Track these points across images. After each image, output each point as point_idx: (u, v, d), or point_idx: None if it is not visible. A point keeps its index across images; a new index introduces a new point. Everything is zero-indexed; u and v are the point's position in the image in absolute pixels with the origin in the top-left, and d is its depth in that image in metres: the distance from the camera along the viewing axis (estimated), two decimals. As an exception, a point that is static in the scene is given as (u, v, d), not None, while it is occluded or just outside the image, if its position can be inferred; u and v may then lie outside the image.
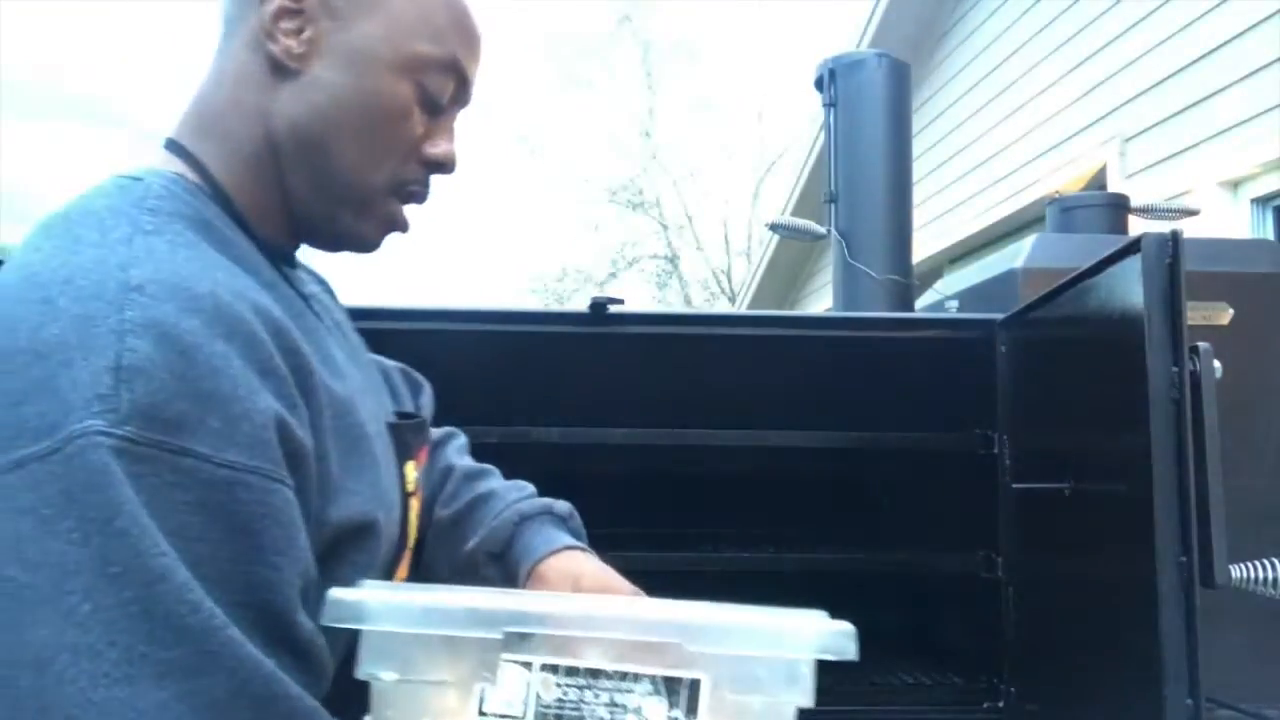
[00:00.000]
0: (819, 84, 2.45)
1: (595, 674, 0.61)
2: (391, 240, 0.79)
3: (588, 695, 0.61)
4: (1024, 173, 4.90)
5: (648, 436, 1.91)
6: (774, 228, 3.00)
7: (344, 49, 0.70)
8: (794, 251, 8.33)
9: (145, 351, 0.53)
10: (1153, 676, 1.17)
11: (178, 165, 0.70)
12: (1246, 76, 3.42)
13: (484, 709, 0.60)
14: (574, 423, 1.88)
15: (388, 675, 0.62)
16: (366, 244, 0.76)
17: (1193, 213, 2.65)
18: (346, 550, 0.66)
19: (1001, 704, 1.77)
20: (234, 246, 0.67)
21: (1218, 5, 3.58)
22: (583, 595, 0.73)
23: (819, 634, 0.62)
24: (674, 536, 2.13)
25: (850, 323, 2.03)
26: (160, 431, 0.53)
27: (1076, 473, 1.46)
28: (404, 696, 0.62)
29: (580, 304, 1.82)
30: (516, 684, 0.61)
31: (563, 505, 0.95)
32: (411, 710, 0.62)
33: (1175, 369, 1.19)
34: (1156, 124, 3.92)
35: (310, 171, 0.71)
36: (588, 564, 0.87)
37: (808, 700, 0.62)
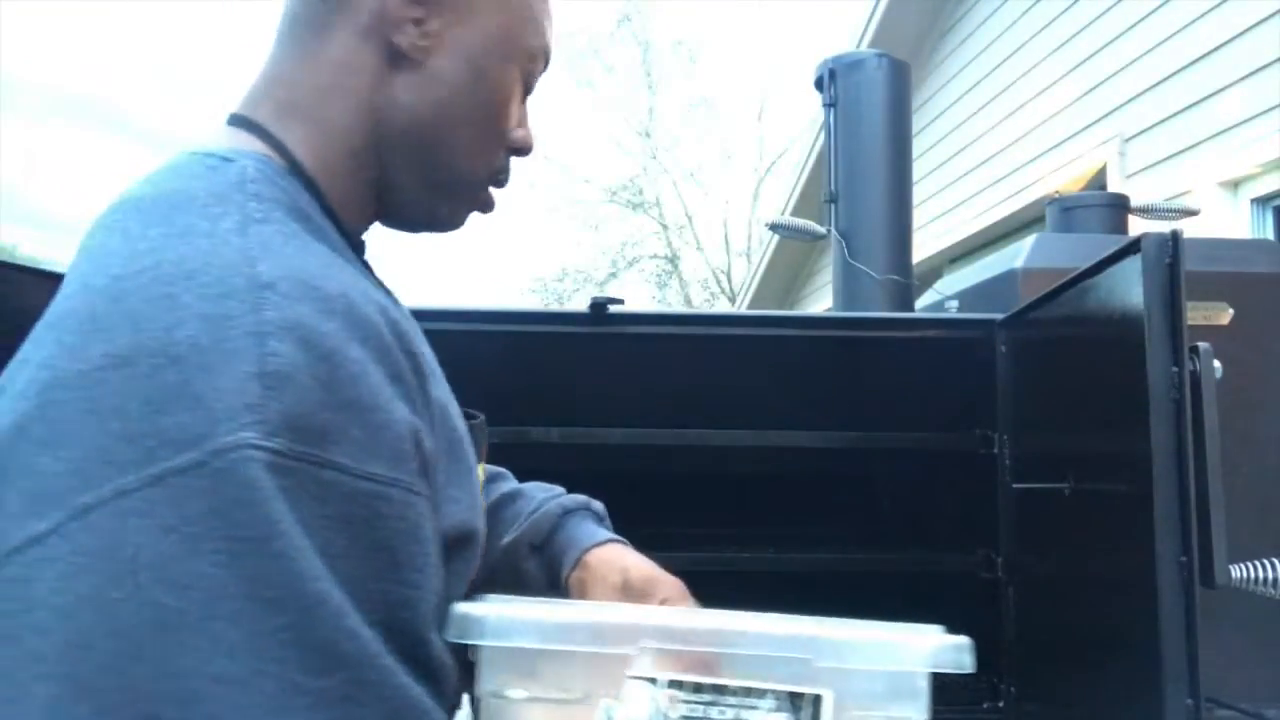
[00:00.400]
0: (819, 84, 2.46)
1: (720, 689, 0.60)
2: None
3: (713, 712, 0.60)
4: (1024, 173, 4.90)
5: (648, 436, 1.91)
6: (774, 228, 3.00)
7: (464, 43, 0.68)
8: (794, 251, 8.33)
9: (289, 356, 0.49)
10: (1153, 676, 1.17)
11: (258, 145, 0.64)
12: (1246, 76, 3.42)
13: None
14: (574, 423, 1.88)
15: (515, 693, 0.60)
16: (455, 227, 0.76)
17: (1193, 213, 2.65)
18: (451, 560, 0.62)
19: (1001, 704, 1.77)
20: (327, 238, 0.63)
21: (1218, 5, 3.58)
22: (708, 611, 0.69)
23: (936, 648, 0.64)
24: (674, 536, 2.13)
25: (850, 323, 2.03)
26: (306, 443, 0.49)
27: (1076, 473, 1.46)
28: (526, 714, 0.60)
29: (580, 304, 1.81)
30: (642, 700, 0.59)
31: (598, 504, 0.96)
32: None
33: (1175, 369, 1.19)
34: (1156, 124, 3.92)
35: (420, 163, 0.70)
36: (631, 557, 0.87)
37: (924, 715, 0.64)
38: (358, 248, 0.71)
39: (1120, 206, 2.49)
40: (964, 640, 0.64)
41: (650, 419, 1.90)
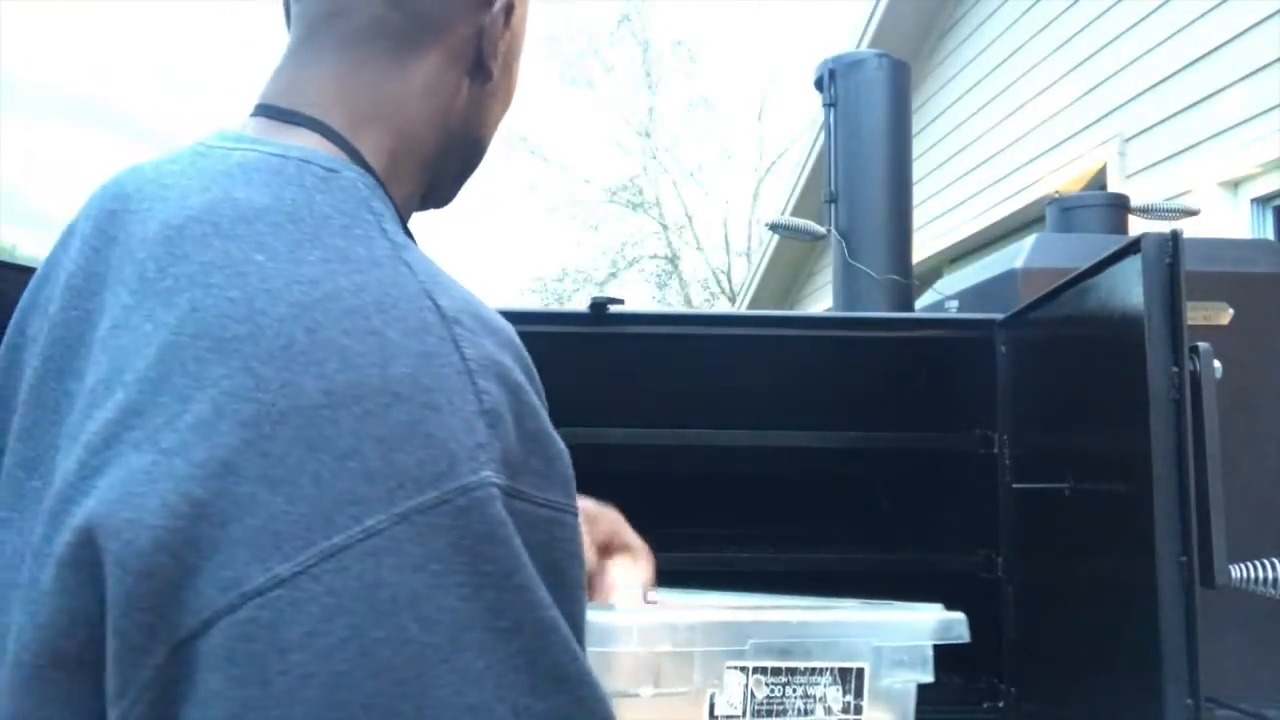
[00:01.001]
0: (819, 84, 2.45)
1: (792, 672, 0.73)
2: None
3: (787, 691, 0.73)
4: (1024, 173, 4.90)
5: (648, 436, 1.91)
6: (774, 228, 3.00)
7: (512, 55, 0.74)
8: (794, 251, 8.33)
9: (496, 394, 0.51)
10: (1153, 676, 1.17)
11: (330, 149, 0.63)
12: (1246, 76, 3.42)
13: (714, 712, 0.70)
14: (574, 423, 1.87)
15: (646, 690, 0.68)
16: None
17: (1193, 213, 2.65)
18: None
19: (1001, 704, 1.77)
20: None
21: (1218, 5, 3.58)
22: (788, 606, 0.80)
23: (940, 624, 0.77)
24: (674, 536, 2.13)
25: (850, 323, 2.03)
26: (509, 478, 0.50)
27: (1076, 473, 1.46)
28: (648, 708, 0.69)
29: (580, 304, 1.81)
30: (738, 687, 0.71)
31: None
32: (647, 718, 0.69)
33: (1175, 369, 1.19)
34: (1156, 124, 3.92)
35: (466, 161, 0.75)
36: (587, 503, 0.88)
37: (930, 678, 0.77)
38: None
39: (1120, 206, 2.50)
40: (960, 616, 0.77)
41: (650, 419, 1.90)
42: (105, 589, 0.47)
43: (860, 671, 0.74)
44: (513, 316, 2.14)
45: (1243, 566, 1.23)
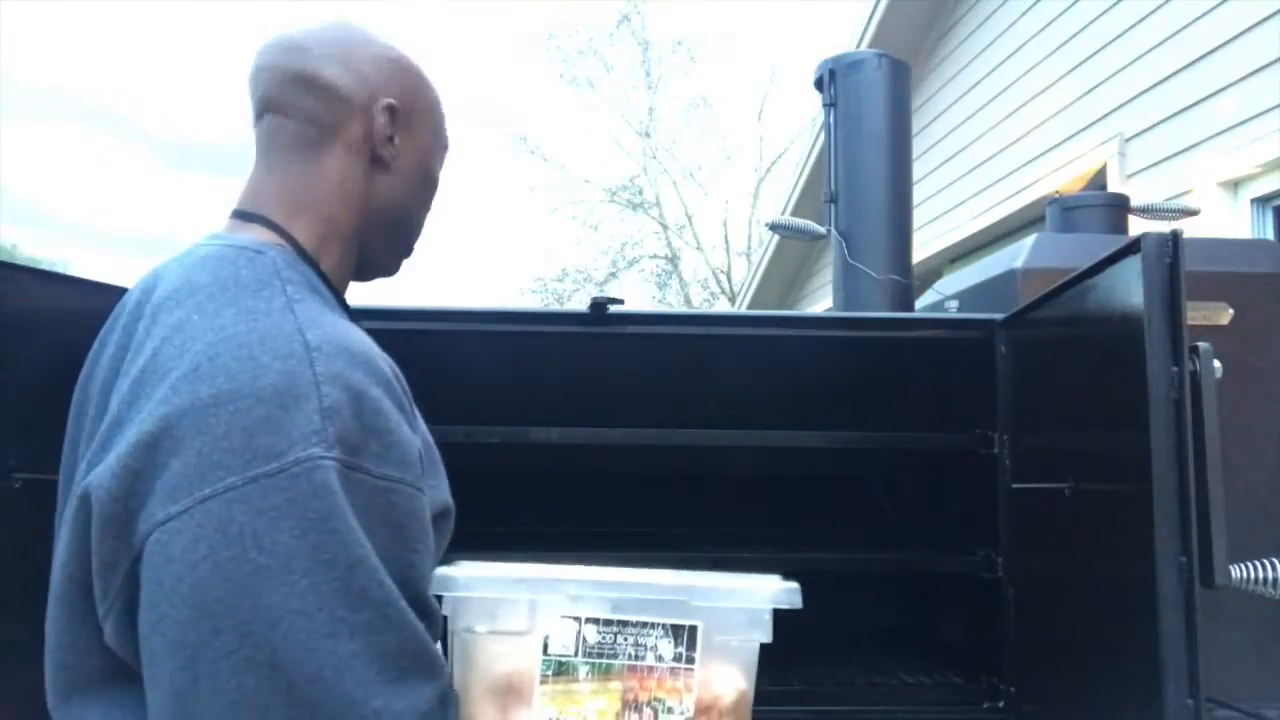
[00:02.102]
0: (819, 84, 2.45)
1: (624, 624, 0.86)
2: None
3: (619, 639, 0.86)
4: (1024, 173, 4.90)
5: (648, 436, 1.91)
6: (774, 228, 3.00)
7: (415, 149, 0.97)
8: (794, 251, 8.33)
9: (336, 397, 0.73)
10: (1153, 676, 1.17)
11: (269, 236, 0.88)
12: (1246, 76, 3.42)
13: (547, 650, 0.85)
14: (574, 423, 1.88)
15: (481, 628, 0.84)
16: (395, 273, 1.04)
17: (1193, 213, 2.65)
18: (436, 531, 0.84)
19: (1001, 704, 1.77)
20: (332, 305, 0.87)
21: (1218, 5, 3.58)
22: (619, 568, 0.92)
23: (776, 591, 0.89)
24: (674, 536, 2.13)
25: (850, 323, 2.03)
26: (348, 454, 0.72)
27: (1076, 473, 1.46)
28: (489, 643, 0.85)
29: (580, 304, 1.81)
30: (570, 632, 0.85)
31: None
32: (495, 653, 0.84)
33: (1175, 369, 1.19)
34: (1156, 124, 3.92)
35: (391, 238, 0.98)
36: None
37: (768, 638, 0.88)
38: (345, 307, 0.94)
39: (1120, 206, 2.49)
40: (795, 585, 0.90)
41: (650, 419, 1.90)
42: (94, 521, 0.72)
43: (693, 628, 0.86)
44: (513, 317, 2.13)
45: (1243, 566, 1.23)
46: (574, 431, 1.88)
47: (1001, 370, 1.80)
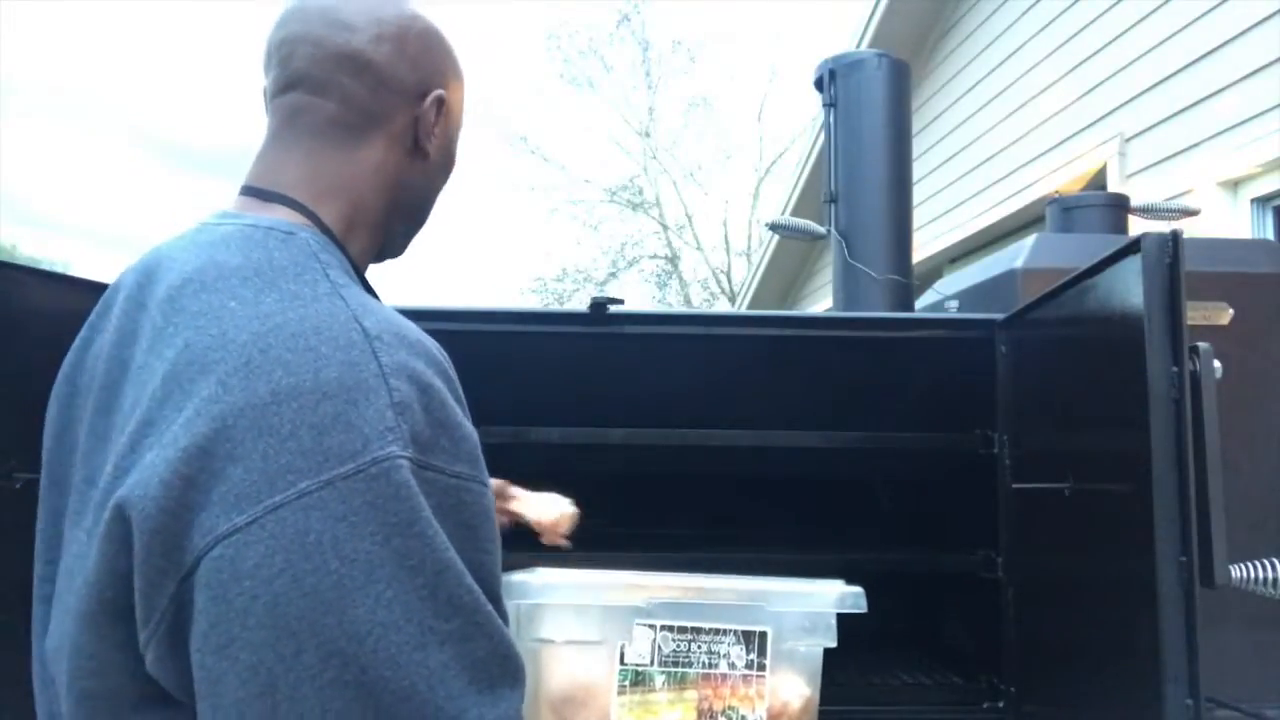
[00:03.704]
0: (819, 84, 2.46)
1: (698, 631, 0.85)
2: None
3: (693, 647, 0.85)
4: (1024, 173, 4.90)
5: (648, 436, 1.91)
6: (774, 228, 3.00)
7: (446, 137, 0.92)
8: (794, 251, 8.33)
9: (405, 391, 0.68)
10: (1153, 676, 1.17)
11: (297, 218, 0.82)
12: (1246, 76, 3.42)
13: (624, 660, 0.83)
14: (574, 423, 1.88)
15: (558, 637, 0.83)
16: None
17: (1193, 213, 2.65)
18: None
19: (1001, 704, 1.77)
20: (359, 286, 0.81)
21: (1218, 5, 3.58)
22: (692, 575, 0.91)
23: (841, 594, 0.90)
24: (674, 536, 2.13)
25: (850, 323, 2.03)
26: (420, 453, 0.67)
27: (1076, 473, 1.46)
28: (561, 652, 0.83)
29: (580, 304, 1.81)
30: (646, 640, 0.84)
31: None
32: (566, 662, 0.83)
33: (1175, 369, 1.19)
34: (1156, 124, 3.92)
35: (412, 221, 0.94)
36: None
37: (833, 642, 0.89)
38: (372, 292, 0.88)
39: (1120, 206, 2.49)
40: (859, 589, 0.91)
41: (650, 419, 1.90)
42: (132, 547, 0.65)
43: (763, 634, 0.86)
44: (513, 317, 2.13)
45: (1243, 566, 1.23)
46: (574, 431, 1.87)
47: (1001, 370, 1.80)
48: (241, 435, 0.64)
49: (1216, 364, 1.21)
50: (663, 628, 0.84)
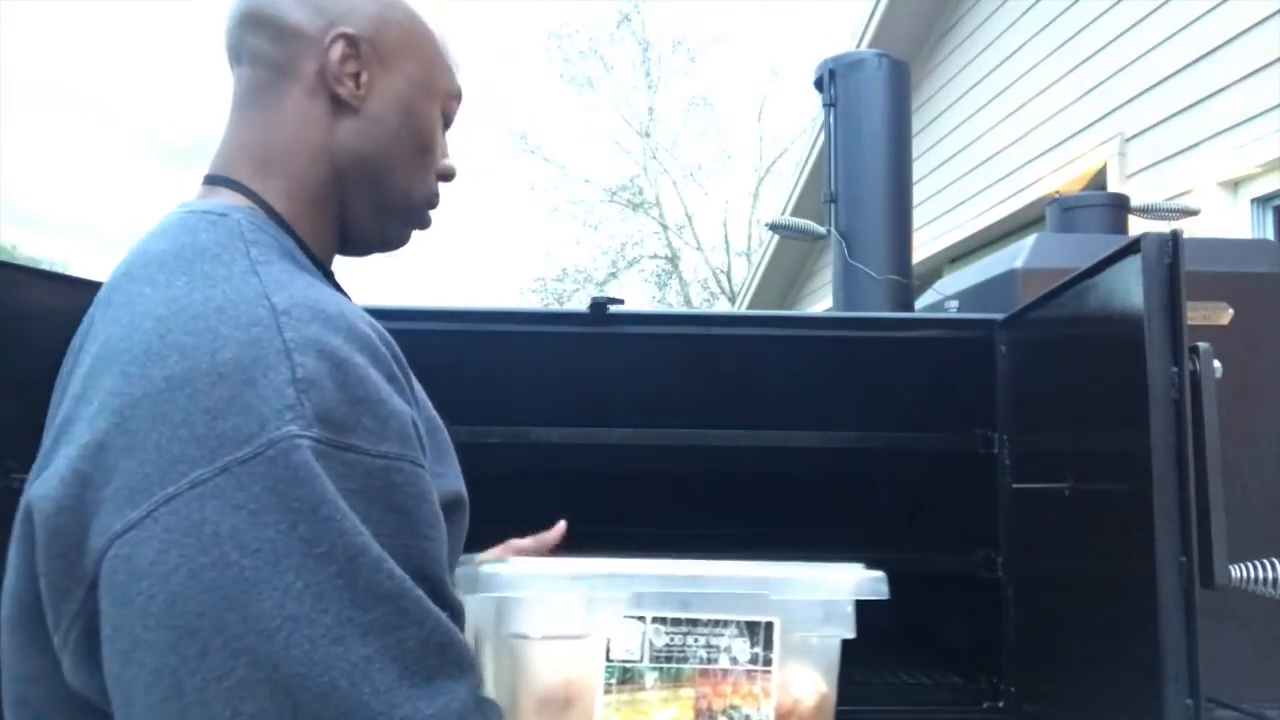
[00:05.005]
0: (819, 84, 2.45)
1: (694, 623, 0.77)
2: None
3: (689, 640, 0.76)
4: (1024, 173, 4.90)
5: (648, 436, 1.91)
6: (774, 228, 3.00)
7: (392, 89, 0.82)
8: (794, 251, 8.33)
9: (312, 366, 0.62)
10: (1153, 676, 1.17)
11: (240, 200, 0.77)
12: (1246, 76, 3.42)
13: (610, 656, 0.75)
14: (574, 423, 1.88)
15: (534, 632, 0.75)
16: (401, 245, 0.90)
17: (1193, 213, 2.65)
18: (448, 523, 0.74)
19: (1001, 704, 1.77)
20: (310, 271, 0.77)
21: (1218, 5, 3.58)
22: (681, 560, 0.83)
23: (859, 581, 0.80)
24: (674, 536, 2.13)
25: (850, 323, 2.03)
26: (333, 432, 0.62)
27: (1076, 473, 1.46)
28: (541, 649, 0.75)
29: (580, 304, 1.81)
30: (634, 635, 0.76)
31: None
32: (547, 660, 0.75)
33: (1175, 369, 1.19)
34: (1156, 124, 3.92)
35: (371, 195, 0.83)
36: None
37: (851, 633, 0.80)
38: (330, 279, 0.83)
39: (1120, 206, 2.49)
40: (880, 574, 0.81)
41: (650, 419, 1.90)
42: (39, 548, 0.62)
43: (769, 625, 0.77)
44: (513, 317, 2.13)
45: (1243, 566, 1.23)
46: (574, 431, 1.87)
47: (1001, 370, 1.80)
48: (136, 426, 0.61)
49: (1216, 364, 1.21)
50: (654, 620, 0.76)
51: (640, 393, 1.93)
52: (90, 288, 1.55)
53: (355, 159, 0.81)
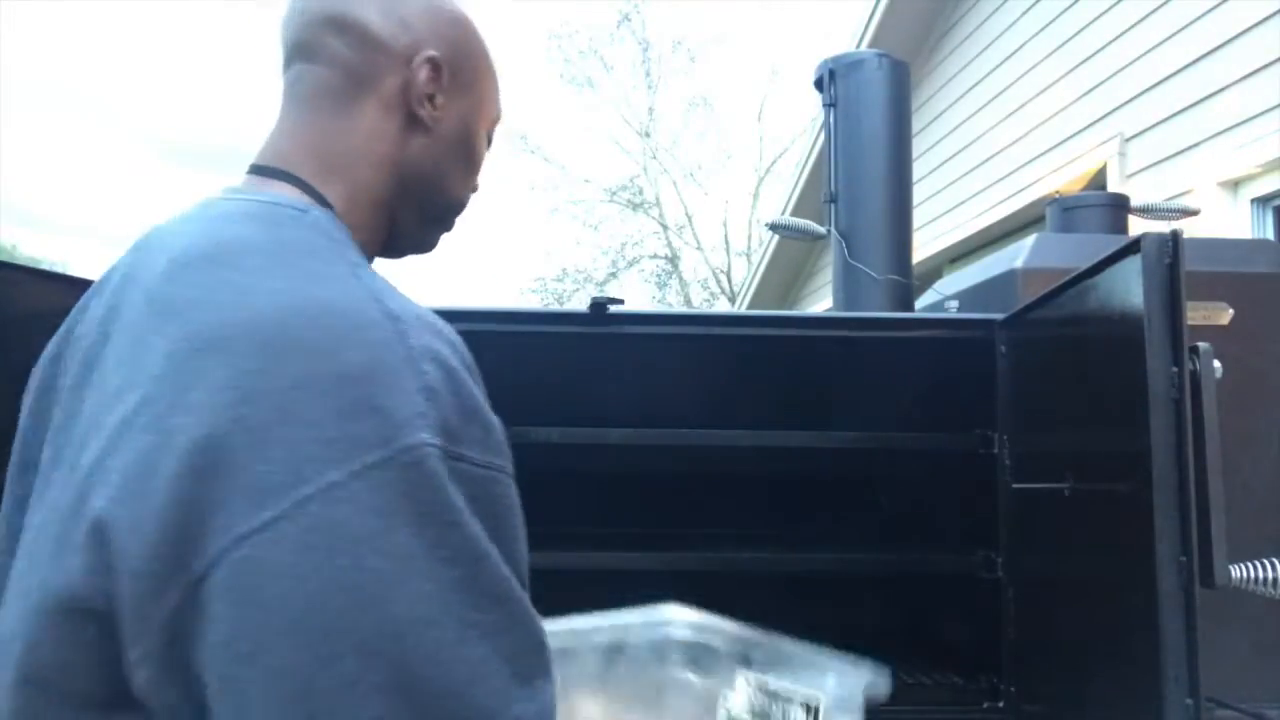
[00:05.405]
0: (819, 84, 2.46)
1: (775, 693, 0.93)
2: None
3: (771, 706, 0.91)
4: (1024, 173, 4.90)
5: (648, 436, 1.91)
6: (774, 228, 3.00)
7: (459, 113, 0.87)
8: (794, 251, 8.33)
9: (434, 375, 0.64)
10: (1153, 676, 1.17)
11: (299, 195, 0.79)
12: (1246, 76, 3.42)
13: (725, 709, 0.90)
14: (574, 423, 1.88)
15: (679, 676, 0.91)
16: (433, 249, 0.95)
17: (1193, 213, 2.65)
18: None
19: (1001, 704, 1.77)
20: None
21: (1218, 5, 3.58)
22: (775, 635, 0.98)
23: (872, 679, 0.97)
24: (674, 536, 2.13)
25: (850, 323, 2.03)
26: (449, 441, 0.63)
27: (1076, 473, 1.46)
28: (682, 692, 0.92)
29: (580, 304, 1.81)
30: (744, 693, 0.89)
31: None
32: (682, 707, 0.88)
33: (1175, 369, 1.19)
34: (1156, 124, 3.92)
35: (423, 206, 0.88)
36: None
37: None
38: None
39: (1120, 206, 2.49)
40: (886, 675, 0.96)
41: (650, 419, 1.90)
42: (120, 548, 0.59)
43: (818, 701, 0.92)
44: (513, 317, 2.12)
45: (1243, 566, 1.23)
46: (574, 431, 1.87)
47: (1001, 370, 1.80)
48: (261, 424, 0.59)
49: (1216, 364, 1.21)
50: (756, 683, 0.91)
51: (640, 393, 1.93)
52: (90, 288, 1.55)
53: (418, 174, 0.85)
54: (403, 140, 0.83)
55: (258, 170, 0.81)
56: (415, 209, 0.87)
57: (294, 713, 0.57)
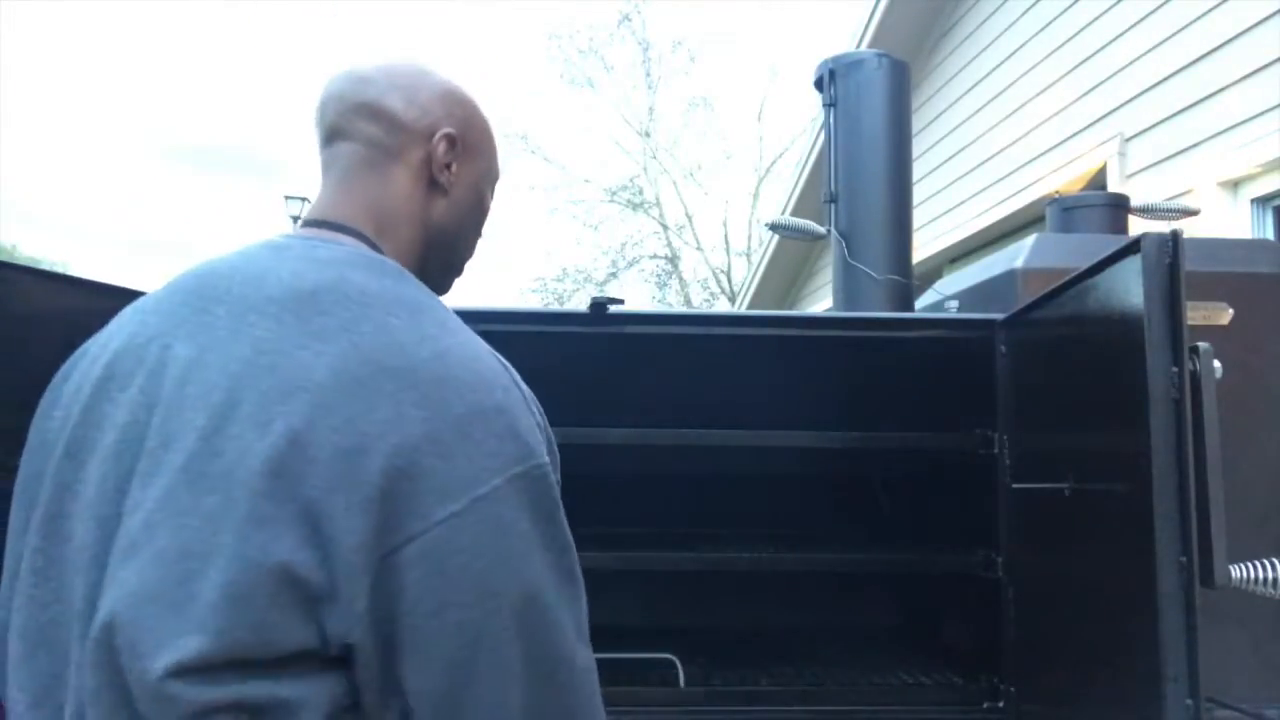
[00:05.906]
0: (819, 84, 2.45)
1: None
2: None
3: None
4: (1024, 173, 4.90)
5: (648, 436, 1.91)
6: (774, 228, 3.00)
7: (471, 177, 1.05)
8: (794, 251, 8.32)
9: (538, 413, 0.89)
10: (1153, 676, 1.17)
11: (364, 249, 0.95)
12: (1246, 76, 3.42)
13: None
14: (574, 423, 1.88)
15: None
16: (447, 292, 1.10)
17: (1193, 213, 2.65)
18: None
19: (1001, 704, 1.77)
20: None
21: (1218, 5, 3.58)
22: None
23: None
24: (674, 536, 2.13)
25: (850, 323, 2.03)
26: (550, 461, 0.87)
27: (1076, 473, 1.46)
28: None
29: (580, 304, 1.81)
30: None
31: None
32: None
33: (1175, 369, 1.19)
34: (1156, 124, 3.92)
35: (444, 258, 1.07)
36: None
37: None
38: None
39: (1120, 206, 2.49)
40: None
41: (650, 419, 1.90)
42: (336, 527, 0.76)
43: None
44: (513, 317, 2.12)
45: (1243, 566, 1.23)
46: (574, 431, 1.87)
47: (1001, 370, 1.80)
48: (447, 440, 0.80)
49: (1216, 364, 1.21)
50: None
51: (640, 393, 1.93)
52: (90, 288, 1.55)
53: (440, 230, 1.04)
54: (427, 203, 1.02)
55: (320, 225, 0.98)
56: (439, 260, 1.06)
57: (467, 652, 0.79)
